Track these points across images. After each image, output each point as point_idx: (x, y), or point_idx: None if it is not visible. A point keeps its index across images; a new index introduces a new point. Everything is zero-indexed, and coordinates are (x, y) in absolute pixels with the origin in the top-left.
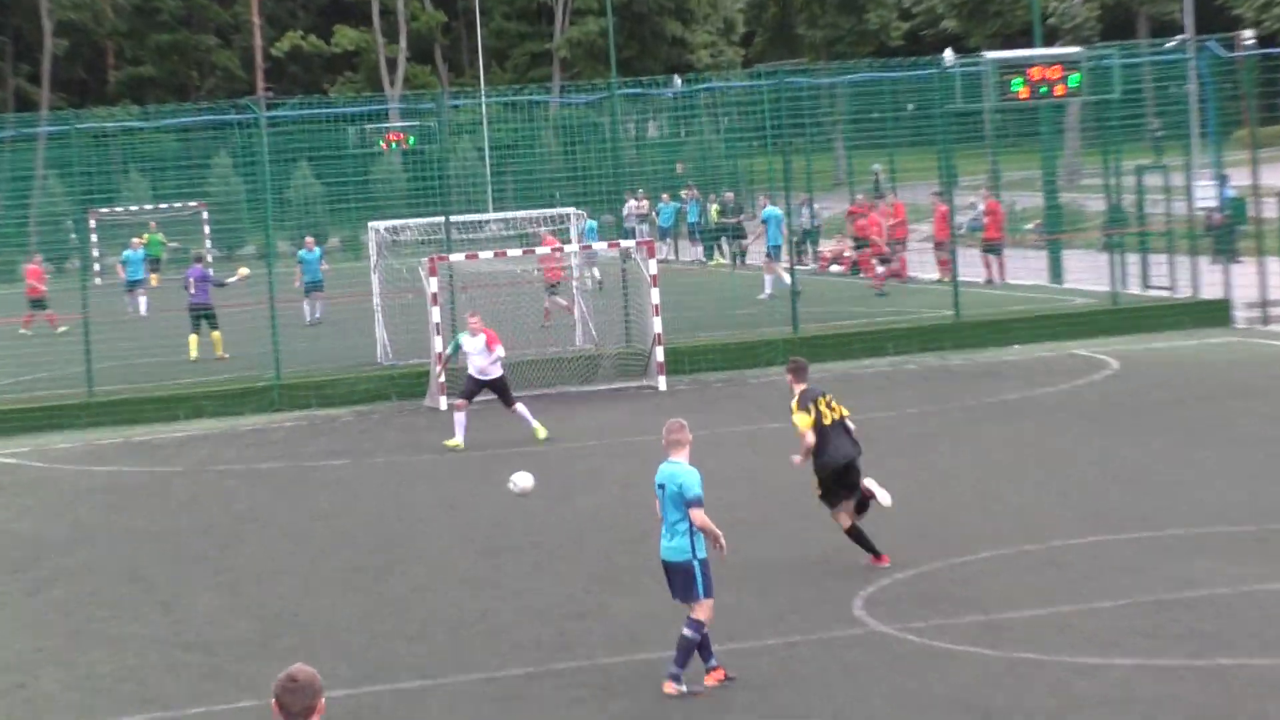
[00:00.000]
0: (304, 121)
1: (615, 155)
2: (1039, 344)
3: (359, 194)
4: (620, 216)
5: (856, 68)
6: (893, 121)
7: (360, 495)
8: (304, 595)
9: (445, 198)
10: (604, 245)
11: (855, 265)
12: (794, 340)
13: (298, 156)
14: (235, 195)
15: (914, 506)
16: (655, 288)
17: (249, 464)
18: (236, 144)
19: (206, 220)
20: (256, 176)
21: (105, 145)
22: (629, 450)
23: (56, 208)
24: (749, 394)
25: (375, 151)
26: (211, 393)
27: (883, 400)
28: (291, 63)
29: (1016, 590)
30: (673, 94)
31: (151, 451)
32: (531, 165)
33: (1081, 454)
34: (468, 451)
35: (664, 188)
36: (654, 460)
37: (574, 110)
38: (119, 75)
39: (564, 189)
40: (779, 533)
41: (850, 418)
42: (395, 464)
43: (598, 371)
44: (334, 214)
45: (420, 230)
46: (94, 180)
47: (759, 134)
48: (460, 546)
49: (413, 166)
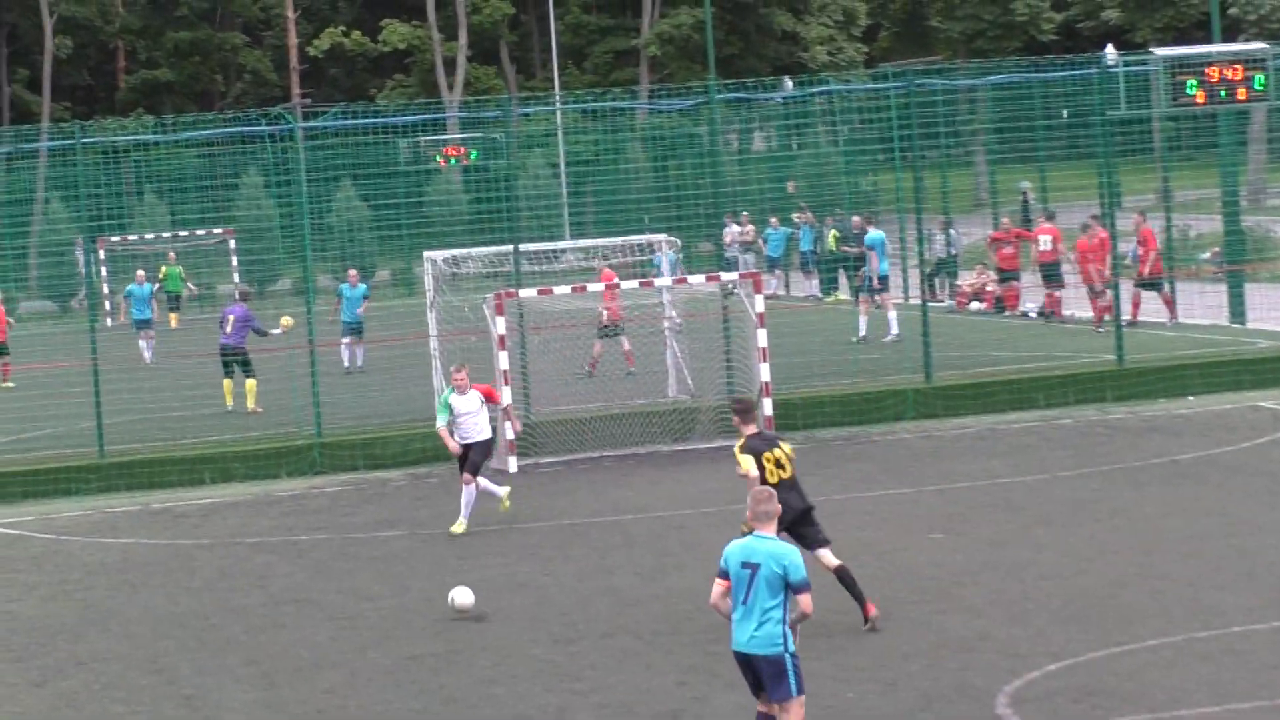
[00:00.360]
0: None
1: (714, 172)
2: (1216, 394)
3: (412, 218)
4: (720, 244)
5: (1001, 67)
6: (1044, 131)
7: (415, 572)
8: (350, 689)
9: (514, 222)
10: (701, 278)
11: (1000, 301)
12: (926, 390)
13: (340, 174)
14: (267, 220)
15: (1067, 585)
16: (762, 328)
17: (286, 535)
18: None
19: (234, 250)
20: (292, 198)
21: (116, 162)
22: (730, 520)
23: (60, 235)
24: (873, 454)
25: (431, 168)
26: (242, 452)
27: (1031, 461)
28: (331, 64)
29: (1188, 684)
30: (782, 99)
31: (173, 521)
32: (615, 184)
33: (1265, 523)
34: (541, 523)
35: (772, 210)
36: None
37: (665, 119)
38: (131, 80)
39: (653, 212)
40: (909, 616)
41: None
42: (456, 536)
43: (694, 427)
44: (383, 242)
45: (484, 261)
46: (103, 203)
47: (885, 146)
48: (531, 632)
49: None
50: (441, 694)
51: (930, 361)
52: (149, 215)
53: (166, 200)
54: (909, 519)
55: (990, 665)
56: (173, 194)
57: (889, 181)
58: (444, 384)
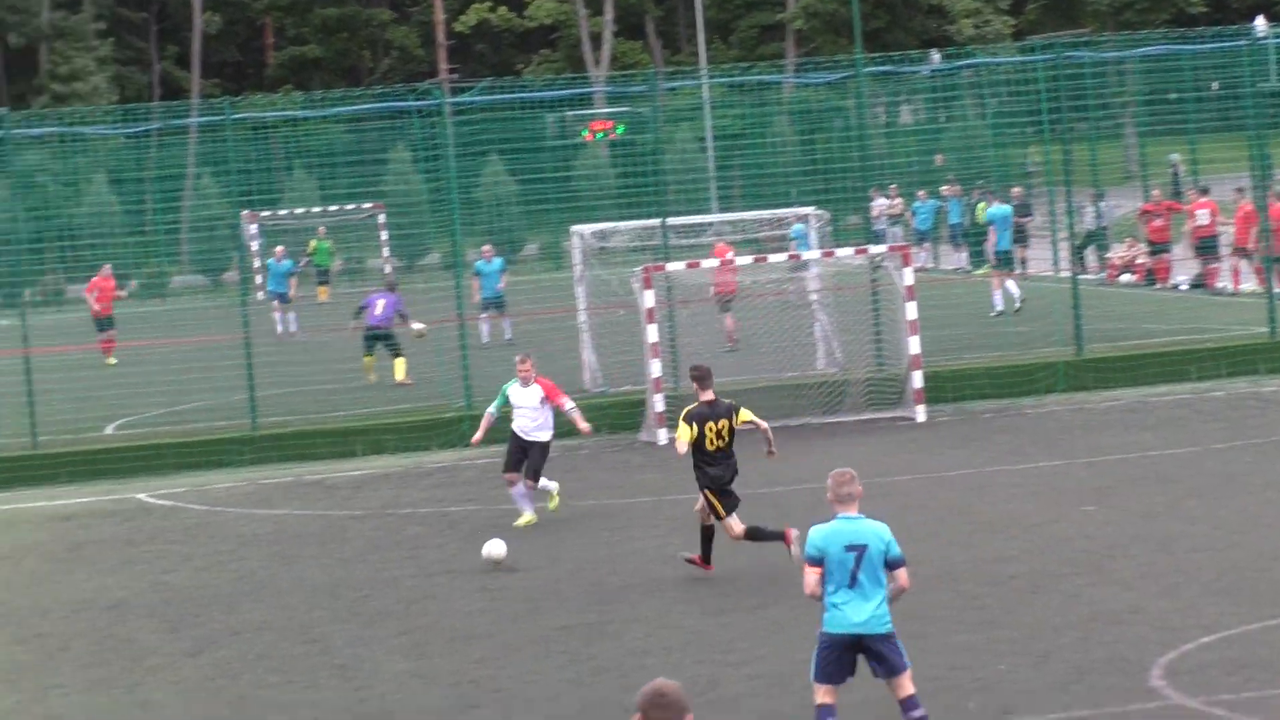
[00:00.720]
0: (494, 108)
1: (862, 145)
2: None
3: (559, 193)
4: (868, 217)
5: (1149, 39)
6: (1193, 103)
7: (565, 543)
8: (502, 660)
9: (661, 196)
10: (849, 251)
11: (1150, 273)
12: (1077, 363)
13: (487, 149)
14: (416, 195)
15: (1219, 558)
16: (911, 301)
17: (437, 507)
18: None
19: (383, 225)
20: (440, 173)
21: (265, 138)
22: (881, 493)
23: (210, 210)
24: (1023, 426)
25: (578, 143)
26: (393, 425)
27: (1182, 434)
28: (478, 40)
29: None
30: (930, 72)
31: (325, 493)
32: (762, 158)
33: None
34: (691, 495)
35: (920, 183)
36: (914, 504)
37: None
38: (279, 57)
39: (801, 185)
40: (1060, 590)
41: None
42: (606, 508)
43: (844, 400)
44: (530, 216)
45: (632, 235)
46: (253, 179)
47: (1033, 119)
48: (683, 604)
49: (622, 160)
50: (592, 664)
51: (1081, 334)
52: (298, 190)
53: (316, 175)
54: (1059, 492)
55: (1142, 638)
56: (322, 169)
57: (1038, 154)
58: (594, 358)
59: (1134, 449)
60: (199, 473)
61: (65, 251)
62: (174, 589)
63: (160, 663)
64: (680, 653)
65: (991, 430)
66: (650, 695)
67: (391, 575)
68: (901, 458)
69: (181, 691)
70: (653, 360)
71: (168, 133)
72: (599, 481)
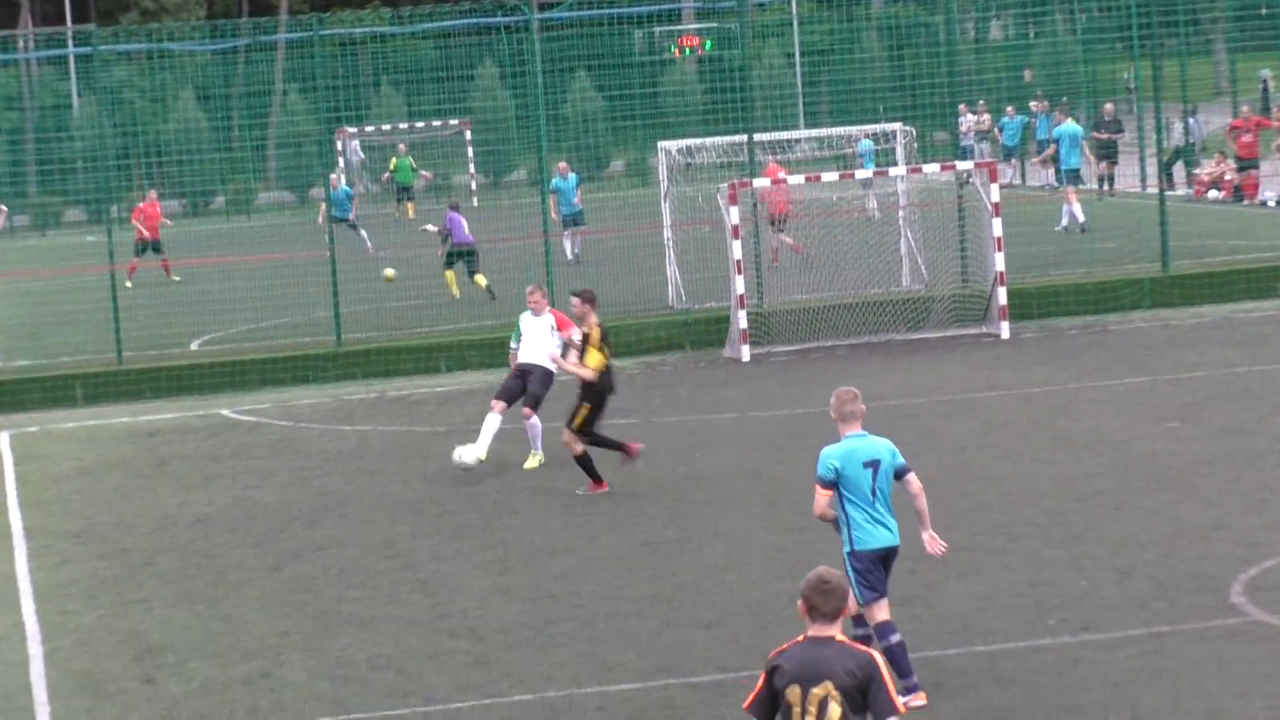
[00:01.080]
0: (582, 24)
1: (950, 61)
2: None
3: (646, 109)
4: (955, 133)
5: None
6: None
7: (648, 460)
8: (583, 575)
9: (748, 113)
10: (936, 167)
11: (1238, 190)
12: (1163, 279)
13: (575, 66)
14: (502, 112)
15: None
16: (997, 218)
17: (520, 423)
18: (504, 51)
19: (470, 141)
20: (527, 89)
21: (353, 54)
22: (964, 409)
23: (298, 127)
24: (1109, 343)
25: (666, 59)
26: (477, 341)
27: (1269, 350)
28: None
29: None
30: None
31: (409, 409)
32: (850, 74)
33: None
34: (774, 412)
35: (1009, 99)
36: (998, 420)
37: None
38: None
39: (889, 102)
40: (1144, 506)
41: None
42: (689, 424)
43: (929, 316)
44: (617, 133)
45: (719, 151)
46: (340, 95)
47: (1123, 34)
48: (765, 521)
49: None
50: (673, 580)
51: (1167, 250)
52: (386, 107)
53: (403, 92)
54: (1145, 408)
55: (1225, 554)
56: (409, 85)
57: (1129, 71)
58: (679, 275)
59: (1219, 365)
60: (283, 389)
61: (152, 168)
62: (257, 504)
63: (243, 578)
64: (761, 568)
65: (1076, 347)
66: (814, 582)
67: (473, 491)
68: (986, 374)
69: (264, 606)
70: (737, 277)
71: (255, 49)
72: (682, 398)
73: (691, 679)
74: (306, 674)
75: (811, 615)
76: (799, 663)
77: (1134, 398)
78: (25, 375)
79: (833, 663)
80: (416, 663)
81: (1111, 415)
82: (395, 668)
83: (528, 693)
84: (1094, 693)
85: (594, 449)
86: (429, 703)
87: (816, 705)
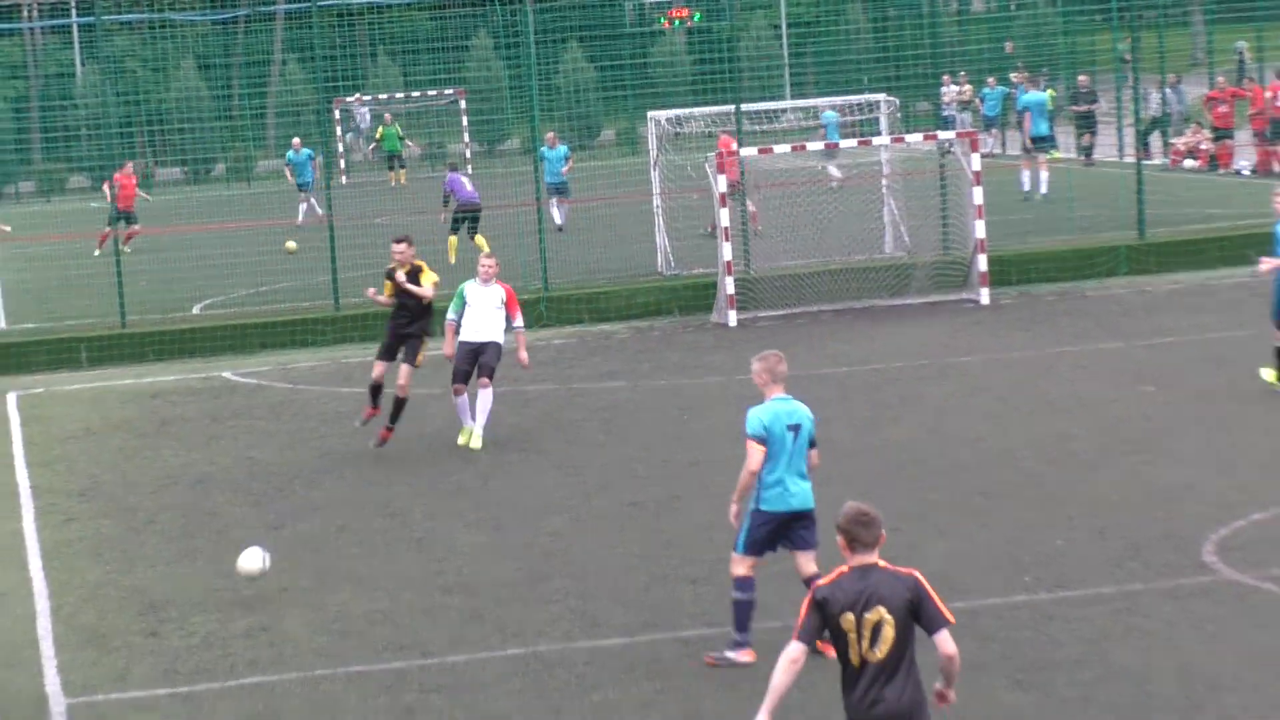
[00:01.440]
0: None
1: (933, 32)
2: None
3: (636, 79)
4: (937, 104)
5: None
6: None
7: (638, 422)
8: (574, 533)
9: (735, 83)
10: (919, 137)
11: (1214, 159)
12: (1139, 246)
13: (567, 37)
14: (496, 82)
15: (1276, 438)
16: (978, 186)
17: (514, 386)
18: (498, 22)
19: (464, 110)
20: (521, 60)
21: (350, 25)
22: (944, 373)
23: (296, 96)
24: (1086, 309)
25: (655, 30)
26: None
27: (1242, 316)
28: None
29: None
30: None
31: None
32: (835, 45)
33: None
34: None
35: (990, 70)
36: (978, 384)
37: None
38: None
39: (873, 72)
40: (1118, 467)
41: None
42: (677, 387)
43: (910, 283)
44: (608, 102)
45: (707, 121)
46: (338, 65)
47: (1102, 6)
48: None
49: (698, 47)
50: (661, 538)
51: (1144, 218)
52: (382, 77)
53: (399, 62)
54: (1120, 372)
55: (1197, 514)
56: (405, 55)
57: (1106, 42)
58: (667, 241)
59: (1194, 331)
60: (283, 351)
61: (154, 136)
62: (258, 464)
63: (244, 536)
64: None
65: (1054, 313)
66: (854, 515)
67: (468, 452)
68: (966, 339)
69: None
70: (724, 244)
71: (255, 19)
72: (670, 362)
73: (679, 633)
74: (305, 628)
75: (853, 548)
76: (849, 592)
77: (1110, 362)
78: (31, 338)
79: (881, 588)
80: (412, 617)
81: (1088, 379)
82: (391, 622)
83: (520, 647)
84: (1068, 648)
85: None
86: (424, 656)
87: (870, 630)
